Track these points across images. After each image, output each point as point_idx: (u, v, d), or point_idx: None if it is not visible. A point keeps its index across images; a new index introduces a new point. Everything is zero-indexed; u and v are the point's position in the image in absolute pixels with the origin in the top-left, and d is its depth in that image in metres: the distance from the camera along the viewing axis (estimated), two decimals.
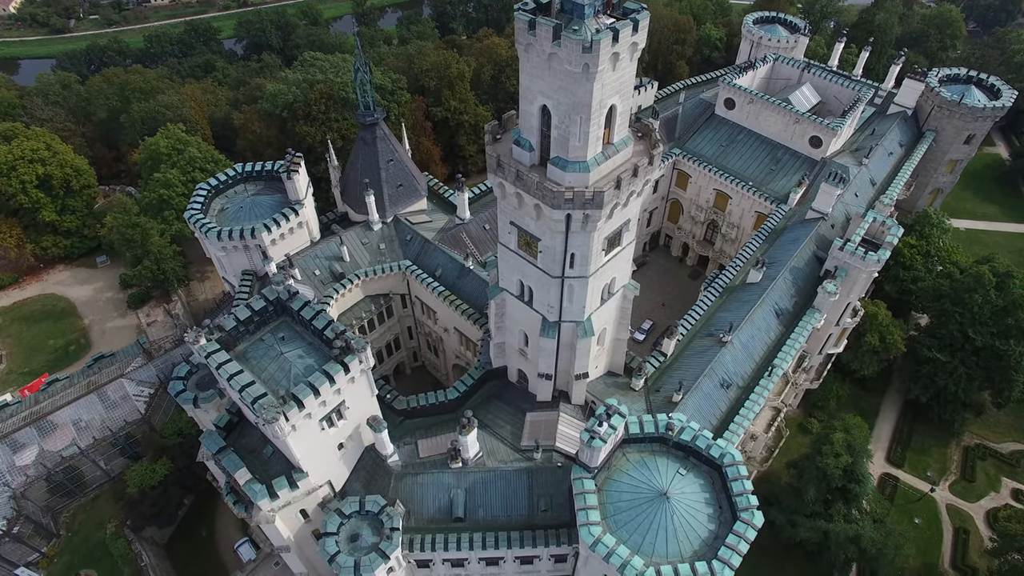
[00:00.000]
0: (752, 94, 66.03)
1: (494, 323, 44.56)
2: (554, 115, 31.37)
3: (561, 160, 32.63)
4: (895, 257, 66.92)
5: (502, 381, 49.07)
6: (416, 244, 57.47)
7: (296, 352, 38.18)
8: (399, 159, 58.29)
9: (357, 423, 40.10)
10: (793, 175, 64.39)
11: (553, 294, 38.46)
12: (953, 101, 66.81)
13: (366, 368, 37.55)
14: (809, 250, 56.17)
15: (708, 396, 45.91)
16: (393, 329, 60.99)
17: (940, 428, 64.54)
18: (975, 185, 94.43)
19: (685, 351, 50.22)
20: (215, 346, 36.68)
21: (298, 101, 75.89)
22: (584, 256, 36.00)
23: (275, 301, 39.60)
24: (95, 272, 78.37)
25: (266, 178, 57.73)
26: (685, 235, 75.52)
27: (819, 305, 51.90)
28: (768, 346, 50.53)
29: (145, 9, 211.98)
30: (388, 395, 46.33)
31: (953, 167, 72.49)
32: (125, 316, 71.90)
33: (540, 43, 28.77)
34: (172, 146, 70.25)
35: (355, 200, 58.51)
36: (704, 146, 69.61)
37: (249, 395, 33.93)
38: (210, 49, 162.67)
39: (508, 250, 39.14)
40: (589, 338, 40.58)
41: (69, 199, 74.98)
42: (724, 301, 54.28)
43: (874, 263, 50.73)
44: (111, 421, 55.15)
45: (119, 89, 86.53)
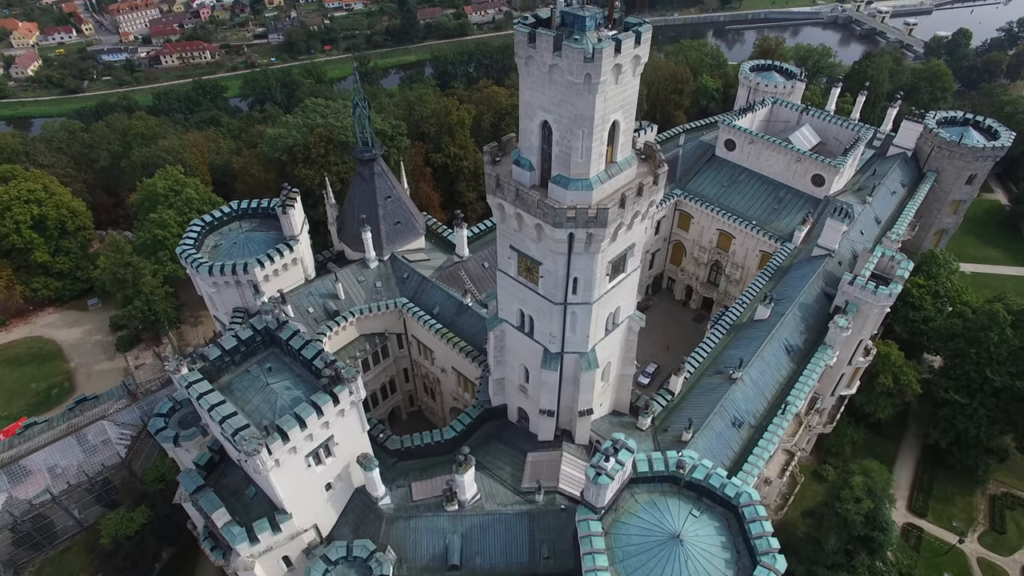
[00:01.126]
0: (752, 134, 66.10)
1: (493, 357, 42.58)
2: (555, 131, 30.47)
3: (563, 178, 31.53)
4: (903, 298, 65.44)
5: (502, 421, 46.64)
6: (413, 282, 56.00)
7: (283, 383, 36.10)
8: (397, 196, 57.56)
9: (346, 461, 37.53)
10: (796, 214, 63.65)
11: (555, 323, 36.70)
12: (953, 141, 66.86)
13: (357, 400, 35.36)
14: (817, 286, 54.72)
15: (719, 435, 43.43)
16: (388, 370, 58.77)
17: (963, 475, 61.32)
18: (977, 230, 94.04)
19: (693, 389, 48.02)
20: (197, 376, 34.67)
21: (298, 145, 76.13)
22: (588, 280, 34.44)
23: (263, 331, 37.80)
24: (85, 315, 76.66)
25: (261, 216, 56.82)
26: (688, 277, 74.21)
27: (831, 341, 49.99)
28: (780, 383, 48.36)
29: (156, 70, 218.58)
30: (381, 434, 43.85)
31: (956, 208, 71.94)
32: (113, 359, 69.72)
33: (541, 55, 28.13)
34: (170, 187, 69.91)
35: (352, 238, 57.43)
36: (705, 187, 69.21)
37: (230, 426, 31.65)
38: (216, 105, 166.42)
39: (508, 277, 37.62)
40: (593, 371, 38.55)
41: (63, 240, 74.10)
42: (732, 338, 52.44)
43: (886, 297, 49.15)
44: (88, 466, 52.20)
45: (121, 134, 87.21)
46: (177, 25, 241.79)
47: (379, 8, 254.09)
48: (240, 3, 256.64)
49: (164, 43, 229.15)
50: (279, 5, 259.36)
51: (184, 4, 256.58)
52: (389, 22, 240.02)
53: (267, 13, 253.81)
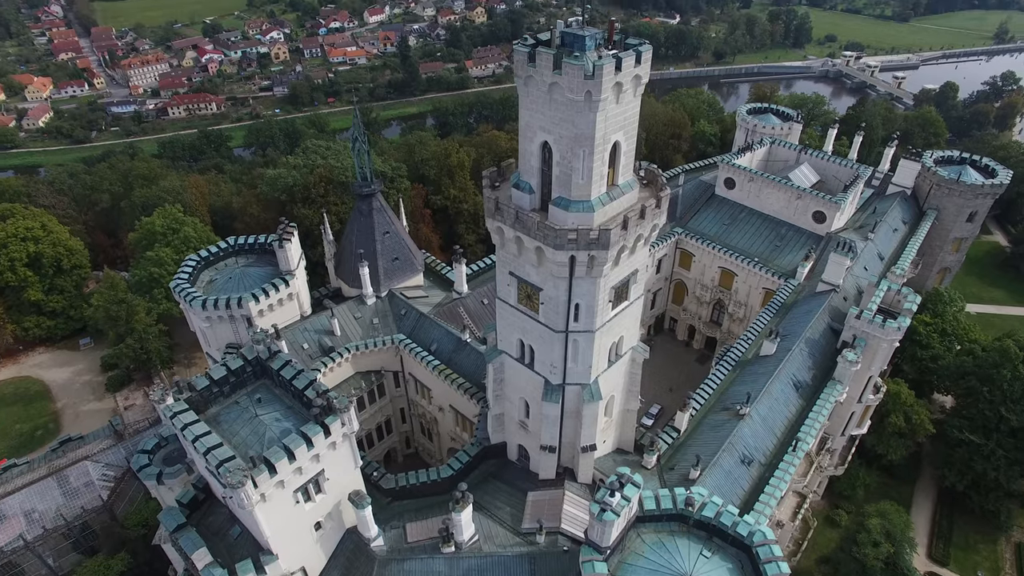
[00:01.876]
0: (752, 172, 66.28)
1: (492, 391, 41.09)
2: (556, 151, 30.05)
3: (564, 200, 30.93)
4: (911, 336, 64.26)
5: (501, 460, 44.72)
6: (411, 318, 54.86)
7: (273, 415, 34.59)
8: (395, 232, 57.07)
9: (337, 499, 35.59)
10: (799, 250, 63.14)
11: (556, 352, 35.45)
12: (951, 179, 67.05)
13: (349, 433, 33.76)
14: (824, 321, 53.61)
15: (728, 473, 41.52)
16: (384, 410, 57.01)
17: (984, 520, 58.66)
18: (979, 271, 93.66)
19: (700, 426, 46.32)
20: (183, 406, 33.20)
21: (297, 185, 76.32)
22: (590, 307, 33.40)
23: (254, 361, 36.53)
24: (76, 355, 75.11)
25: (258, 251, 56.17)
26: (691, 317, 73.13)
27: (840, 376, 48.52)
28: (789, 420, 46.65)
29: (163, 121, 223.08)
30: (375, 472, 41.89)
31: (959, 246, 71.56)
32: (102, 399, 67.81)
33: (540, 73, 27.94)
34: (168, 225, 69.63)
35: (349, 274, 56.63)
36: (706, 225, 68.96)
37: (214, 458, 30.01)
38: (219, 154, 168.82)
39: (507, 306, 36.59)
40: (596, 403, 37.03)
41: (58, 278, 73.28)
42: (737, 375, 51.00)
43: (894, 331, 47.95)
44: (68, 510, 49.72)
45: (123, 176, 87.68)
46: (185, 79, 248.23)
47: (382, 63, 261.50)
48: (247, 58, 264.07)
49: (172, 95, 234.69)
50: (285, 60, 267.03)
51: (193, 59, 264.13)
52: (391, 75, 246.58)
53: (273, 67, 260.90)
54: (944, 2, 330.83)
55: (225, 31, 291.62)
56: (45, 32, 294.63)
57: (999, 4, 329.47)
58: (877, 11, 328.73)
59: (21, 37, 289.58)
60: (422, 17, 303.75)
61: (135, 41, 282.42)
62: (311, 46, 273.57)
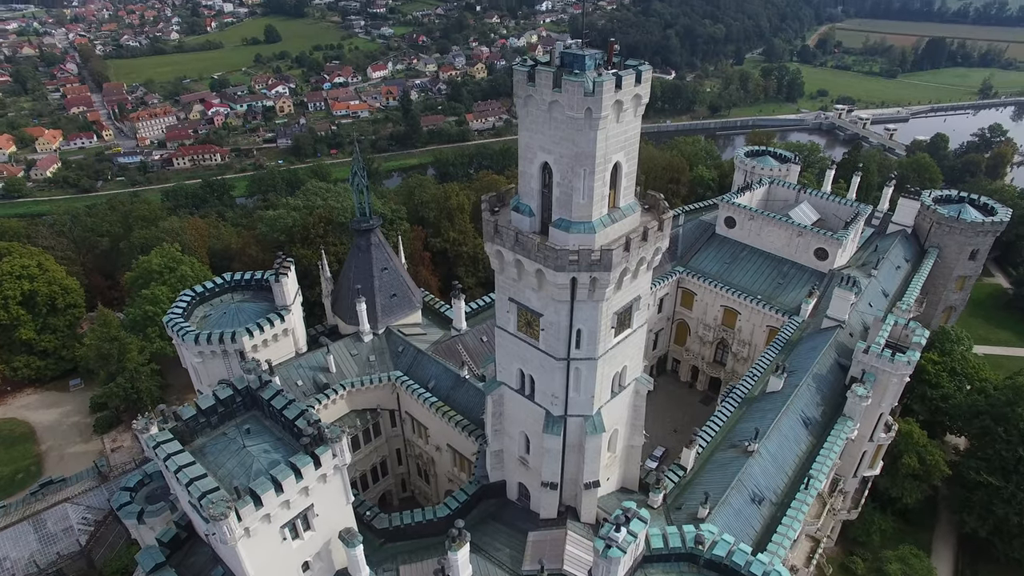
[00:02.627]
0: (752, 211, 66.26)
1: (491, 425, 39.57)
2: (556, 171, 29.68)
3: (564, 222, 30.38)
4: (919, 375, 62.73)
5: (500, 500, 42.73)
6: (408, 355, 53.65)
7: (262, 446, 33.03)
8: (393, 268, 56.52)
9: (327, 537, 33.61)
10: (802, 288, 62.41)
11: (558, 381, 34.20)
12: (951, 217, 66.99)
13: (341, 465, 32.16)
14: (830, 357, 52.39)
15: (739, 512, 39.54)
16: (380, 450, 55.10)
17: (1010, 569, 55.67)
18: (983, 312, 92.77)
19: (707, 464, 44.52)
20: (167, 436, 31.73)
21: (297, 225, 76.26)
22: (592, 332, 32.39)
23: (244, 390, 35.22)
24: (66, 396, 73.25)
25: (255, 288, 55.56)
26: (694, 357, 71.79)
27: (850, 412, 46.98)
28: (799, 457, 44.87)
29: (168, 171, 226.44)
30: (368, 512, 39.91)
31: (962, 284, 70.93)
32: (89, 442, 65.65)
33: (540, 92, 27.85)
34: (165, 264, 69.10)
35: (346, 311, 55.76)
36: (707, 264, 68.48)
37: (197, 489, 28.39)
38: (222, 203, 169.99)
39: (507, 334, 35.56)
40: (599, 435, 35.52)
41: (51, 317, 72.18)
42: (744, 412, 49.44)
43: (904, 365, 46.70)
44: (42, 556, 47.23)
45: (123, 217, 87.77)
46: (191, 131, 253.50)
47: (384, 115, 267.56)
48: (252, 111, 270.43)
49: (177, 147, 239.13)
50: (289, 113, 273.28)
51: (200, 112, 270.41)
52: (393, 128, 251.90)
53: (277, 120, 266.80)
54: (930, 60, 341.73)
55: (232, 86, 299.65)
56: (59, 88, 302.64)
57: (981, 62, 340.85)
58: (866, 68, 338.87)
59: (36, 93, 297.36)
60: (424, 73, 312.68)
61: (145, 95, 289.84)
62: (315, 100, 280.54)
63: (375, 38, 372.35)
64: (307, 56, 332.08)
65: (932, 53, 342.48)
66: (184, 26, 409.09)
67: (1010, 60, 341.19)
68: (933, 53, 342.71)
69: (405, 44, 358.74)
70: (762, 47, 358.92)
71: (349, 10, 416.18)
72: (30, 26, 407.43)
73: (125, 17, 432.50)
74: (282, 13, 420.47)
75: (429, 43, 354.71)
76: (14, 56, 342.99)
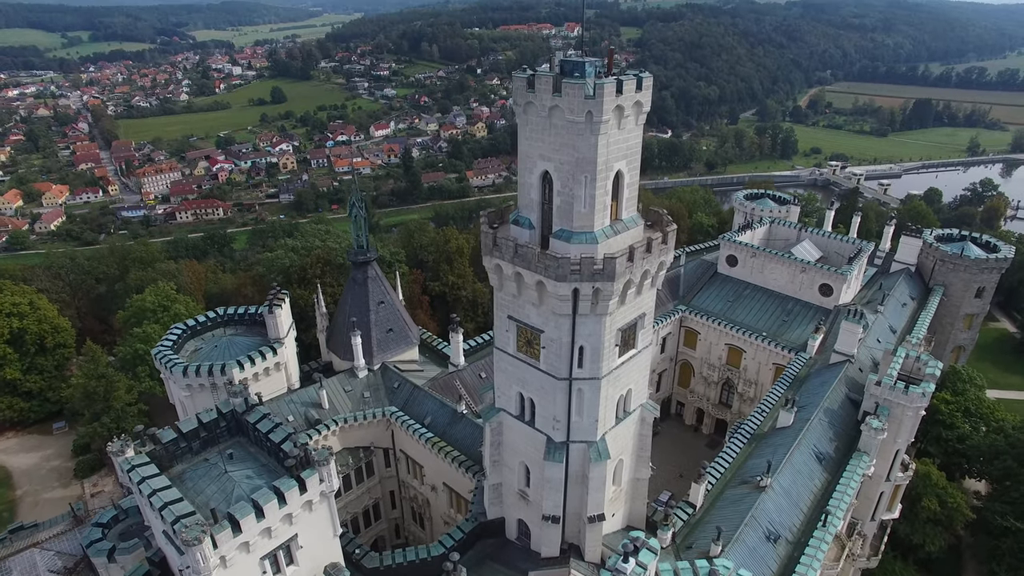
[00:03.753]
0: (755, 248, 65.71)
1: (489, 456, 37.49)
2: (556, 180, 28.99)
3: (565, 232, 29.48)
4: (933, 416, 60.79)
5: (499, 539, 40.07)
6: (404, 391, 51.78)
7: (245, 472, 31.06)
8: (390, 302, 55.33)
9: (312, 573, 31.13)
10: (807, 325, 61.12)
11: (559, 404, 32.48)
12: (955, 254, 66.38)
13: (328, 493, 30.12)
14: (841, 392, 50.58)
15: (753, 551, 36.97)
16: (373, 492, 52.40)
17: None
18: (991, 357, 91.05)
19: (717, 501, 42.12)
20: (144, 459, 29.81)
21: (294, 266, 75.53)
22: (595, 350, 30.95)
23: (229, 415, 33.50)
24: (48, 439, 70.47)
25: (248, 323, 54.30)
26: (698, 399, 69.68)
27: (865, 447, 44.83)
28: (815, 494, 42.48)
29: (170, 225, 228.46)
30: (357, 550, 37.30)
31: (970, 323, 69.62)
32: (68, 486, 62.62)
33: (540, 98, 27.45)
34: (159, 302, 67.89)
35: (341, 347, 54.21)
36: (710, 303, 67.38)
37: (171, 513, 26.34)
38: (223, 254, 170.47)
39: (505, 355, 34.06)
40: (604, 462, 33.47)
41: (39, 357, 70.27)
42: (754, 448, 47.31)
43: (919, 397, 44.94)
44: None
45: (120, 258, 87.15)
46: (196, 186, 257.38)
47: (386, 172, 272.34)
48: (256, 167, 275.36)
49: (181, 201, 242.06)
50: (292, 169, 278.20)
51: (205, 168, 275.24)
52: (394, 184, 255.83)
53: (280, 176, 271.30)
54: (918, 120, 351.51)
55: (237, 144, 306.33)
56: (70, 146, 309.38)
57: (967, 123, 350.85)
58: (857, 127, 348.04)
59: (47, 150, 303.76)
60: (425, 132, 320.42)
61: (152, 152, 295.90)
62: (318, 157, 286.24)
63: (378, 99, 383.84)
64: (311, 116, 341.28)
65: (920, 113, 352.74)
66: (193, 88, 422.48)
67: (994, 120, 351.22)
68: (921, 113, 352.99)
69: (407, 104, 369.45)
70: (755, 107, 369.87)
71: (353, 72, 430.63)
72: (47, 89, 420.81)
73: (138, 81, 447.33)
74: (288, 76, 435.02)
75: (431, 103, 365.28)
76: (29, 117, 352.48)
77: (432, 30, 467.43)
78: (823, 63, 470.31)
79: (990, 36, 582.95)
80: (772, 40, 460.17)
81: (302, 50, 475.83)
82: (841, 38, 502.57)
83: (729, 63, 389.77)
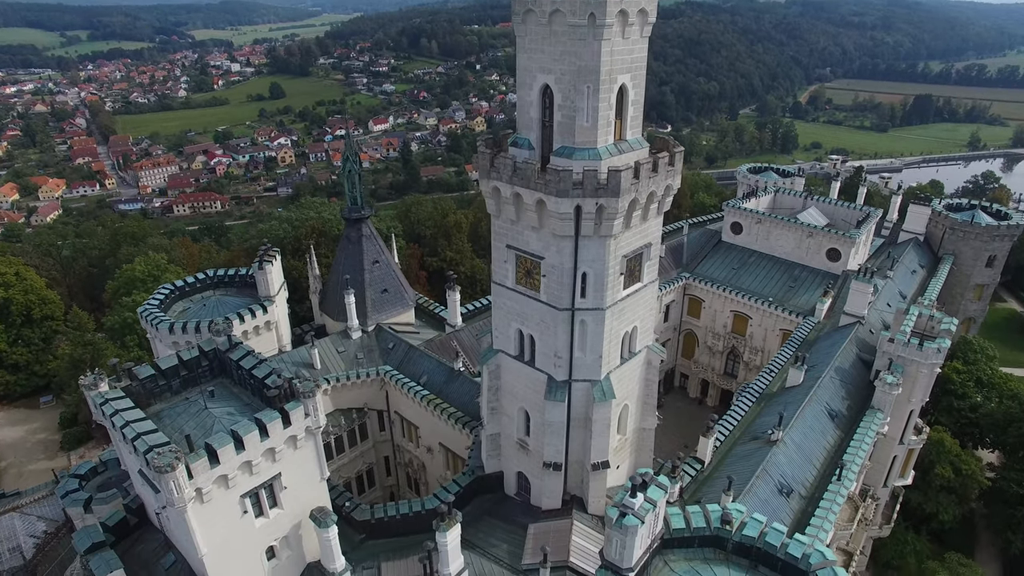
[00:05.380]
0: (760, 214, 63.99)
1: (486, 402, 35.66)
2: (557, 93, 27.24)
3: (567, 149, 27.71)
4: (944, 385, 59.13)
5: (497, 495, 38.26)
6: (399, 351, 49.97)
7: (226, 409, 29.20)
8: (385, 262, 53.53)
9: (297, 518, 29.25)
10: (814, 291, 59.30)
11: (561, 338, 30.67)
12: (965, 221, 64.71)
13: (315, 430, 28.28)
14: (852, 352, 48.80)
15: (766, 503, 35.14)
16: (367, 456, 50.54)
17: None
18: (1000, 335, 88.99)
19: (727, 458, 40.32)
20: (119, 394, 27.98)
21: (288, 237, 73.76)
22: (599, 277, 29.16)
23: (211, 353, 31.63)
24: (35, 413, 68.55)
25: (239, 284, 52.52)
26: (703, 370, 67.86)
27: (879, 404, 43.04)
28: (827, 450, 40.70)
29: (168, 218, 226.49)
30: (347, 503, 35.44)
31: (980, 293, 67.92)
32: (53, 459, 60.73)
33: (540, 3, 25.75)
34: (149, 271, 66.01)
35: (334, 307, 52.45)
36: (714, 270, 65.58)
37: (144, 443, 24.51)
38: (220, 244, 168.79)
39: (504, 290, 32.28)
40: (608, 403, 31.67)
41: (25, 329, 68.35)
42: (763, 407, 45.47)
43: (934, 353, 43.18)
44: None
45: (112, 233, 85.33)
46: (193, 180, 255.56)
47: (384, 166, 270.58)
48: (254, 161, 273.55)
49: (178, 194, 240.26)
50: (290, 163, 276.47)
51: (202, 162, 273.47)
52: (393, 178, 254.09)
53: (279, 170, 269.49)
54: (918, 115, 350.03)
55: (235, 138, 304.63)
56: (67, 141, 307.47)
57: (967, 118, 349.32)
58: (857, 122, 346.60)
59: (44, 145, 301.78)
60: (424, 126, 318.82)
61: (149, 147, 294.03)
62: (317, 151, 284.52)
63: (377, 94, 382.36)
64: (310, 111, 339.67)
65: (920, 109, 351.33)
66: (192, 84, 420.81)
67: (995, 116, 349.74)
68: (921, 109, 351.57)
69: (406, 100, 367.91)
70: (755, 103, 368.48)
71: (352, 68, 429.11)
72: (45, 86, 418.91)
73: (136, 78, 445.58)
74: (287, 72, 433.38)
75: (430, 99, 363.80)
76: (26, 112, 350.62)
77: (431, 27, 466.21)
78: (823, 60, 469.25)
79: (990, 35, 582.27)
80: (772, 38, 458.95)
81: (301, 47, 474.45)
82: (841, 36, 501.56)
83: (729, 59, 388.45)
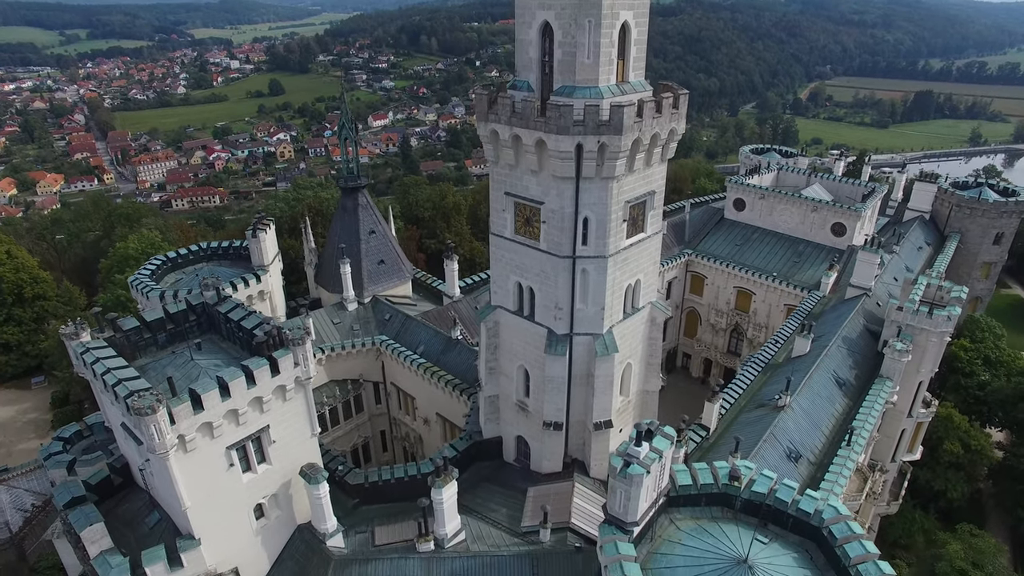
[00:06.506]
0: (763, 189, 62.86)
1: (485, 362, 34.51)
2: (558, 29, 26.11)
3: (567, 88, 26.59)
4: (951, 363, 58.04)
5: (496, 462, 37.15)
6: (396, 322, 48.83)
7: (213, 361, 28.12)
8: (382, 233, 52.44)
9: (287, 476, 28.12)
10: (819, 265, 58.14)
11: (562, 288, 29.52)
12: (972, 198, 63.58)
13: (304, 381, 27.16)
14: (859, 322, 47.61)
15: (774, 469, 33.76)
16: (363, 430, 49.41)
17: None
18: (1006, 320, 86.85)
19: (733, 425, 39.12)
20: (102, 344, 26.84)
21: (284, 215, 72.61)
22: (601, 222, 28.03)
23: (199, 307, 30.54)
24: (26, 393, 67.35)
25: (232, 256, 51.45)
26: (706, 348, 66.67)
27: (888, 372, 41.85)
28: (836, 418, 39.54)
29: (166, 212, 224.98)
30: (340, 467, 34.26)
31: (987, 271, 66.77)
32: (44, 437, 59.36)
33: None
34: (143, 249, 64.83)
35: (330, 278, 51.29)
36: (717, 247, 64.41)
37: (125, 388, 23.37)
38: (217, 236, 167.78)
39: (503, 241, 31.14)
40: (611, 357, 30.52)
41: (16, 308, 67.16)
42: (769, 377, 44.25)
43: (944, 321, 41.97)
44: None
45: (106, 214, 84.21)
46: (192, 175, 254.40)
47: (384, 161, 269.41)
48: (253, 156, 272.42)
49: (177, 188, 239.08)
50: (289, 158, 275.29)
51: (201, 157, 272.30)
52: (392, 173, 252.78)
53: (278, 165, 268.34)
54: (919, 111, 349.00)
55: (235, 134, 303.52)
56: (66, 136, 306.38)
57: (968, 115, 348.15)
58: (857, 119, 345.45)
59: (42, 141, 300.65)
60: (424, 122, 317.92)
61: (148, 143, 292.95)
62: (316, 146, 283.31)
63: (376, 90, 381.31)
64: (309, 107, 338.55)
65: (921, 105, 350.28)
66: (191, 81, 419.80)
67: (996, 112, 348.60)
68: (922, 105, 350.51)
69: (406, 95, 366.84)
70: (755, 100, 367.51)
71: (352, 65, 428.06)
72: (44, 84, 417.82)
73: (135, 75, 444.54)
74: (287, 69, 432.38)
75: (429, 95, 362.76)
76: (25, 109, 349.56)
77: (431, 24, 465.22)
78: (823, 58, 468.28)
79: (990, 33, 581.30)
80: (772, 35, 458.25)
81: (300, 44, 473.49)
82: (841, 34, 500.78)
83: (729, 56, 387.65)
